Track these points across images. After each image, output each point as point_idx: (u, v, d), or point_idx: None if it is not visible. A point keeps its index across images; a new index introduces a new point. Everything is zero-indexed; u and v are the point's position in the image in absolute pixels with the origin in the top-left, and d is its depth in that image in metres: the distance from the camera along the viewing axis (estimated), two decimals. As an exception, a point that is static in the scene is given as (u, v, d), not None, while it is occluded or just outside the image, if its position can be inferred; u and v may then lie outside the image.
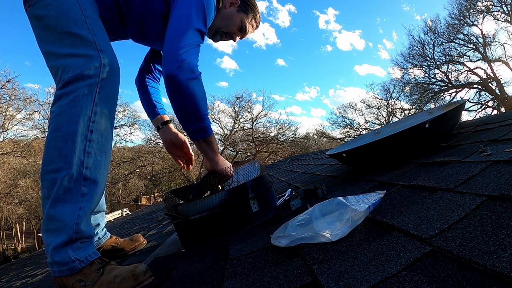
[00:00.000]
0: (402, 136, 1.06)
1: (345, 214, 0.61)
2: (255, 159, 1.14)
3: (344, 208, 0.63)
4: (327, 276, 0.44)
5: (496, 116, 1.38)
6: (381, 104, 18.16)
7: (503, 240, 0.38)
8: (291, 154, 14.73)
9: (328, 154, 1.53)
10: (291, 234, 0.62)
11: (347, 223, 0.59)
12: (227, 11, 1.16)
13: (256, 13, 1.22)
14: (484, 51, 13.94)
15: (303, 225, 0.63)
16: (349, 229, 0.59)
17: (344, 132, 19.05)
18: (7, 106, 13.03)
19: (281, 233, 0.65)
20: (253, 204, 0.92)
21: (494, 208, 0.47)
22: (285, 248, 0.62)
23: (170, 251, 1.03)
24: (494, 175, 0.61)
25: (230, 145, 16.15)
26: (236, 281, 0.54)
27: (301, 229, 0.62)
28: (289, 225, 0.66)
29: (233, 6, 1.17)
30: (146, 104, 1.37)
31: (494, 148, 0.81)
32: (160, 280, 0.75)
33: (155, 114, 1.27)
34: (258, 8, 1.25)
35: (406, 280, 0.37)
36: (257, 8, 1.24)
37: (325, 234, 0.58)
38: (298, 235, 0.61)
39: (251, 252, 0.68)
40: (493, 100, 14.03)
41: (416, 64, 15.74)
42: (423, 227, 0.50)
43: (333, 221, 0.62)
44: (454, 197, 0.58)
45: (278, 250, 0.64)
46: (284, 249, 0.62)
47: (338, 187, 1.10)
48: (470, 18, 13.94)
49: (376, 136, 1.64)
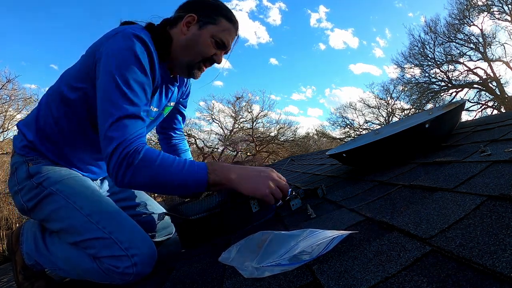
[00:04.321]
0: (402, 136, 1.06)
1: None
2: (261, 164, 1.13)
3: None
4: (327, 276, 0.44)
5: (496, 116, 1.38)
6: (380, 104, 18.16)
7: (503, 240, 0.38)
8: (291, 154, 14.74)
9: (328, 154, 1.53)
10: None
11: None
12: (187, 36, 0.90)
13: (224, 13, 0.93)
14: (484, 51, 13.93)
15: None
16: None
17: (344, 132, 19.08)
18: (7, 107, 13.03)
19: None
20: (253, 204, 0.92)
21: (494, 208, 0.47)
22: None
23: (170, 251, 1.03)
24: (494, 175, 0.61)
25: (230, 145, 16.14)
26: (236, 281, 0.54)
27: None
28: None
29: (191, 24, 0.91)
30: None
31: (494, 148, 0.81)
32: (160, 280, 0.75)
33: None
34: (223, 3, 0.96)
35: (406, 280, 0.37)
36: (222, 5, 0.95)
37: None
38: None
39: (251, 252, 0.68)
40: (493, 100, 14.03)
41: (417, 64, 15.74)
42: (423, 227, 0.50)
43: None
44: (454, 197, 0.58)
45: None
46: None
47: (338, 187, 1.10)
48: (470, 17, 13.93)
49: (376, 136, 1.64)
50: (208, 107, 16.83)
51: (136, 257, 0.80)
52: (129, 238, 0.82)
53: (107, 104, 0.74)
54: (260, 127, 17.10)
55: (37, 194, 0.87)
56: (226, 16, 0.93)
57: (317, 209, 0.87)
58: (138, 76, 0.77)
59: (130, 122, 0.74)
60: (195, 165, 0.76)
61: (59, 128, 0.90)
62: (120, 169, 0.71)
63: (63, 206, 0.84)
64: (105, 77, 0.75)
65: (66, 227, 0.84)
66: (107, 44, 0.78)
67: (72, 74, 0.88)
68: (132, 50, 0.76)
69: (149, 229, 1.16)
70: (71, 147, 0.94)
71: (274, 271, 0.51)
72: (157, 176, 0.72)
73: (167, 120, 1.36)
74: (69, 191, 0.86)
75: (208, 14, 0.91)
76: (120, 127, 0.72)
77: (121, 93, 0.73)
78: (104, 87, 0.75)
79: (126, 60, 0.75)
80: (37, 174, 0.88)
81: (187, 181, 0.74)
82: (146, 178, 0.72)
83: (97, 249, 0.81)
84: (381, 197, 0.76)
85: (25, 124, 0.95)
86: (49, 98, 0.91)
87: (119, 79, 0.74)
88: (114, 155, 0.71)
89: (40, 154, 0.92)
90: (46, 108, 0.91)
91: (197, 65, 0.95)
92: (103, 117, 0.74)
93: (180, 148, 1.42)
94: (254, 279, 0.52)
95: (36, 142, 0.91)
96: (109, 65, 0.75)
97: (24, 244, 0.97)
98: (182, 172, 0.73)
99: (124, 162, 0.71)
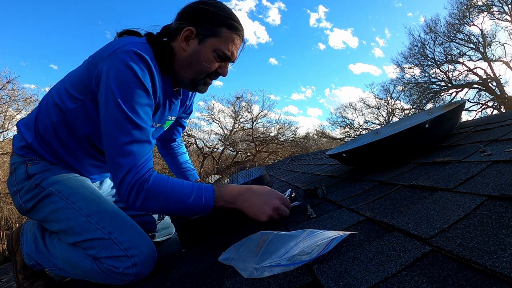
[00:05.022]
0: (402, 136, 1.06)
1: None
2: (260, 165, 1.13)
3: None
4: (327, 276, 0.44)
5: (496, 116, 1.38)
6: (380, 104, 18.17)
7: (503, 240, 0.38)
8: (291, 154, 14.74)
9: (328, 154, 1.53)
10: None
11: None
12: (187, 53, 0.85)
13: (225, 21, 0.85)
14: (484, 51, 13.94)
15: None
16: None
17: (344, 132, 19.08)
18: (7, 107, 13.03)
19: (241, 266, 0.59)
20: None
21: (494, 208, 0.47)
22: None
23: (170, 251, 1.03)
24: (494, 175, 0.61)
25: (230, 145, 16.14)
26: (236, 281, 0.54)
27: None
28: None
29: (191, 39, 0.85)
30: (175, 172, 1.40)
31: (494, 148, 0.81)
32: (160, 280, 0.75)
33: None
34: (225, 9, 0.86)
35: (406, 280, 0.37)
36: (222, 12, 0.85)
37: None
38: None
39: (251, 252, 0.68)
40: (493, 100, 14.03)
41: (417, 64, 15.75)
42: (423, 227, 0.50)
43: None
44: (454, 197, 0.58)
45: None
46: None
47: (338, 187, 1.10)
48: (470, 17, 13.94)
49: (376, 136, 1.64)
50: (208, 107, 16.84)
51: (136, 257, 0.80)
52: (129, 239, 0.82)
53: (113, 128, 0.73)
54: (260, 127, 17.13)
55: (36, 194, 0.87)
56: (228, 25, 0.85)
57: (317, 209, 0.87)
58: (141, 99, 0.76)
59: (138, 147, 0.74)
60: (202, 189, 0.77)
61: (57, 136, 0.89)
62: (131, 196, 0.73)
63: (62, 207, 0.84)
64: (108, 100, 0.74)
65: (65, 228, 0.84)
66: (107, 62, 0.76)
67: (73, 81, 0.87)
68: (134, 71, 0.74)
69: (149, 229, 1.16)
70: (70, 155, 0.93)
71: (274, 271, 0.51)
72: (166, 202, 0.75)
73: (167, 133, 1.35)
74: (68, 191, 0.86)
75: (208, 25, 0.84)
76: (128, 153, 0.73)
77: (126, 118, 0.73)
78: (108, 111, 0.74)
79: (129, 83, 0.74)
80: (36, 175, 0.88)
81: (194, 206, 0.76)
82: (156, 205, 0.75)
83: (97, 250, 0.81)
84: (381, 197, 0.76)
85: (25, 124, 0.94)
86: (49, 101, 0.91)
87: (123, 103, 0.73)
88: (124, 182, 0.73)
89: (39, 156, 0.92)
90: (45, 111, 0.90)
91: (202, 81, 0.91)
92: (109, 142, 0.74)
93: (177, 151, 1.43)
94: (254, 279, 0.52)
95: (35, 145, 0.90)
96: (111, 88, 0.74)
97: (24, 245, 0.97)
98: (190, 198, 0.75)
99: (134, 189, 0.73)
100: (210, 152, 16.03)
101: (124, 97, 0.73)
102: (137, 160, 0.74)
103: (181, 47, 0.86)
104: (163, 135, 1.36)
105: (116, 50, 0.76)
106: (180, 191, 0.75)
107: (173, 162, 1.42)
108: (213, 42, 0.84)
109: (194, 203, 0.75)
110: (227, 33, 0.85)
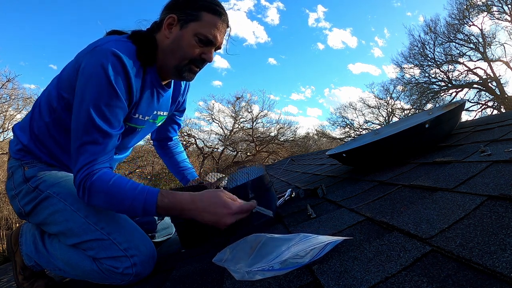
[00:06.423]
0: (402, 136, 1.06)
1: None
2: (260, 164, 1.13)
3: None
4: (327, 276, 0.44)
5: (496, 116, 1.38)
6: (380, 104, 18.17)
7: (503, 240, 0.38)
8: (291, 154, 14.74)
9: (328, 154, 1.53)
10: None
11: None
12: (170, 39, 0.86)
13: (206, 4, 0.84)
14: (484, 51, 13.93)
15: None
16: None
17: (344, 132, 19.07)
18: (7, 106, 13.03)
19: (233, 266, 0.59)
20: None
21: (494, 208, 0.47)
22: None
23: (170, 251, 1.03)
24: (494, 175, 0.61)
25: (230, 145, 16.15)
26: (236, 281, 0.54)
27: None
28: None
29: (174, 26, 0.85)
30: (173, 171, 1.39)
31: (494, 148, 0.81)
32: (160, 280, 0.75)
33: (187, 181, 1.28)
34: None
35: (406, 280, 0.37)
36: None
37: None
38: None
39: (251, 252, 0.68)
40: (493, 100, 14.03)
41: (417, 64, 15.75)
42: (423, 227, 0.50)
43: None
44: (454, 197, 0.58)
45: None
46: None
47: (338, 187, 1.10)
48: (470, 17, 13.94)
49: (376, 136, 1.64)
50: (207, 107, 16.84)
51: (135, 257, 0.80)
52: (128, 239, 0.82)
53: (78, 127, 0.76)
54: (260, 127, 17.13)
55: (34, 197, 0.87)
56: (208, 8, 0.84)
57: (317, 209, 0.87)
58: (111, 101, 0.77)
59: (95, 148, 0.76)
60: (145, 193, 0.74)
61: (51, 135, 0.90)
62: (79, 192, 0.76)
63: (61, 209, 0.84)
64: (78, 99, 0.76)
65: (64, 230, 0.84)
66: (85, 60, 0.77)
67: (61, 80, 0.88)
68: (106, 73, 0.74)
69: (149, 229, 1.16)
70: (66, 154, 0.93)
71: (266, 275, 0.51)
72: (108, 201, 0.75)
73: (162, 131, 1.35)
74: (66, 193, 0.85)
75: (188, 11, 0.83)
76: (84, 151, 0.75)
77: (91, 120, 0.75)
78: (77, 109, 0.76)
79: (100, 85, 0.75)
80: (33, 178, 0.88)
81: (136, 208, 0.74)
82: (100, 203, 0.76)
83: (96, 250, 0.81)
84: (381, 197, 0.76)
85: (21, 127, 0.94)
86: (42, 101, 0.91)
87: (90, 105, 0.75)
88: (76, 178, 0.75)
89: (36, 157, 0.92)
90: (38, 112, 0.91)
91: (187, 67, 0.89)
92: (72, 139, 0.77)
93: (174, 151, 1.42)
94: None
95: (31, 146, 0.90)
96: (82, 86, 0.76)
97: (24, 246, 0.96)
98: (129, 199, 0.73)
99: (81, 186, 0.75)
100: (210, 152, 16.03)
101: (93, 99, 0.75)
102: (90, 159, 0.75)
103: (164, 35, 0.87)
104: (158, 133, 1.35)
105: (95, 48, 0.78)
106: (120, 192, 0.74)
107: (170, 162, 1.41)
108: (194, 26, 0.84)
109: (135, 205, 0.73)
110: (208, 16, 0.84)
